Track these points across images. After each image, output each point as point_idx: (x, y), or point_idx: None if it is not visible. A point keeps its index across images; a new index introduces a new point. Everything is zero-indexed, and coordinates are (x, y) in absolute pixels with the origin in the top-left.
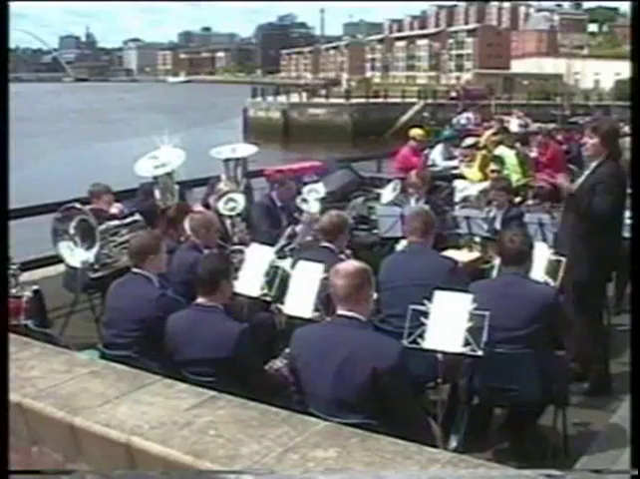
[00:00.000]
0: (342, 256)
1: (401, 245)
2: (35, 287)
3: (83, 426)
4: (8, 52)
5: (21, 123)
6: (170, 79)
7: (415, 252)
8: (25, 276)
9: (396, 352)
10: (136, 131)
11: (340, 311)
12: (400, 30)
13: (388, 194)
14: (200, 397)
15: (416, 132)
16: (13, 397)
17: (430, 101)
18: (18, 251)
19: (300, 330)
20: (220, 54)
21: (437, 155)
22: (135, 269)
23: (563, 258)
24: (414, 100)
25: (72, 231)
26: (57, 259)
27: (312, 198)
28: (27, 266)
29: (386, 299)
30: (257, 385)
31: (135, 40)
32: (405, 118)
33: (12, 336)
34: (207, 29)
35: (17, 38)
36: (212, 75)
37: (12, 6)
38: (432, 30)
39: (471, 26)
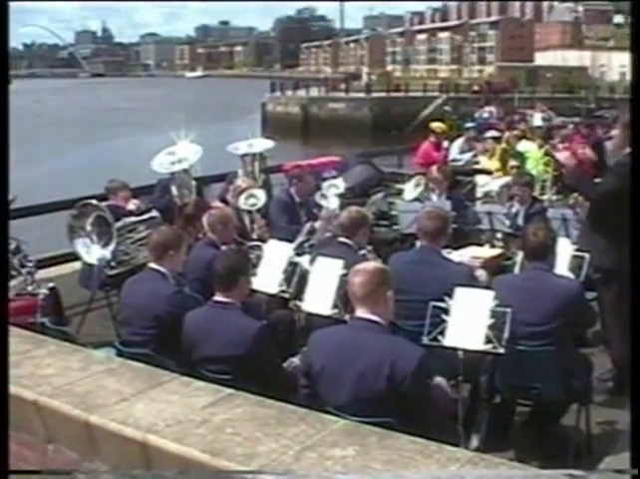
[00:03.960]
0: (362, 253)
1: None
2: (51, 285)
3: (99, 424)
4: (8, 52)
5: (36, 119)
6: (188, 74)
7: (425, 261)
8: (41, 274)
9: (417, 357)
10: (152, 126)
11: (358, 313)
12: (421, 23)
13: (411, 190)
14: (217, 395)
15: (437, 126)
16: (29, 395)
17: (451, 94)
18: (34, 249)
19: (316, 334)
20: (238, 48)
21: (458, 149)
22: (151, 265)
23: (587, 254)
24: (435, 94)
25: (88, 227)
26: (73, 257)
27: (331, 193)
28: (43, 264)
29: (397, 311)
30: (275, 383)
31: (152, 35)
32: (426, 112)
33: (28, 334)
34: (225, 23)
35: (33, 33)
36: (230, 69)
37: (27, 2)
38: (453, 22)
39: (493, 18)
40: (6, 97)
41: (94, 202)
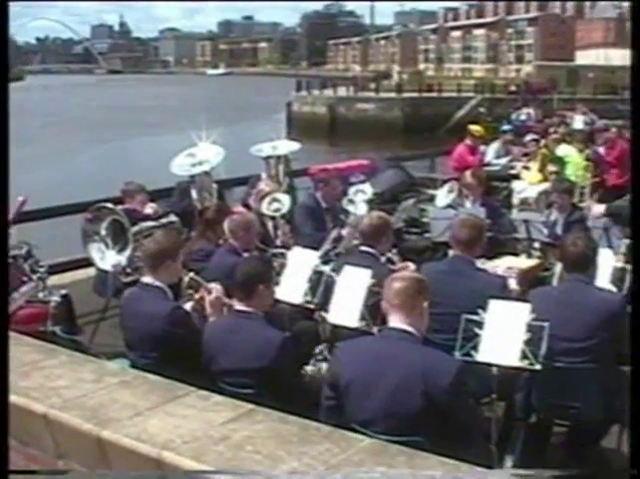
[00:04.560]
0: (388, 257)
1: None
2: (63, 292)
3: (111, 440)
4: (8, 52)
5: (50, 118)
6: (210, 71)
7: (458, 272)
8: (53, 280)
9: (454, 370)
10: (172, 126)
11: (392, 323)
12: (455, 19)
13: (444, 196)
14: (237, 410)
15: (472, 128)
16: (38, 408)
17: (487, 95)
18: (46, 254)
19: (345, 344)
20: (263, 44)
21: (494, 153)
22: (145, 280)
23: (629, 266)
24: (470, 94)
25: (103, 232)
26: (87, 262)
27: (359, 199)
28: (55, 270)
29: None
30: (298, 398)
31: (171, 29)
32: (460, 113)
33: (38, 343)
34: (249, 18)
35: (47, 27)
36: (254, 67)
37: (33, 2)
38: (490, 19)
39: (532, 14)
40: (6, 97)
41: (109, 205)
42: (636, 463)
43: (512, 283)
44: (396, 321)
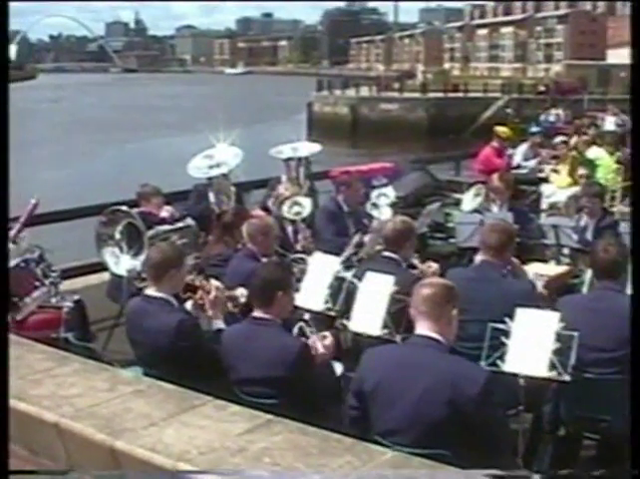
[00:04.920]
0: (413, 264)
1: (480, 257)
2: (76, 297)
3: (125, 450)
4: (7, 52)
5: (63, 118)
6: (228, 70)
7: (486, 278)
8: (66, 285)
9: (482, 380)
10: (189, 127)
11: (419, 331)
12: (482, 16)
13: (470, 200)
14: (255, 421)
15: (499, 130)
16: (50, 417)
17: (515, 95)
18: (58, 258)
19: (372, 351)
20: (283, 43)
21: (521, 156)
22: (148, 292)
23: None
24: (497, 94)
25: (118, 236)
26: (101, 267)
27: (383, 203)
28: (68, 274)
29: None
30: (319, 408)
31: (189, 27)
32: (487, 114)
33: (50, 350)
34: (269, 15)
35: (60, 24)
36: (274, 66)
37: None
38: (518, 16)
39: (561, 11)
40: (6, 97)
41: (124, 208)
42: (636, 463)
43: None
44: (423, 329)
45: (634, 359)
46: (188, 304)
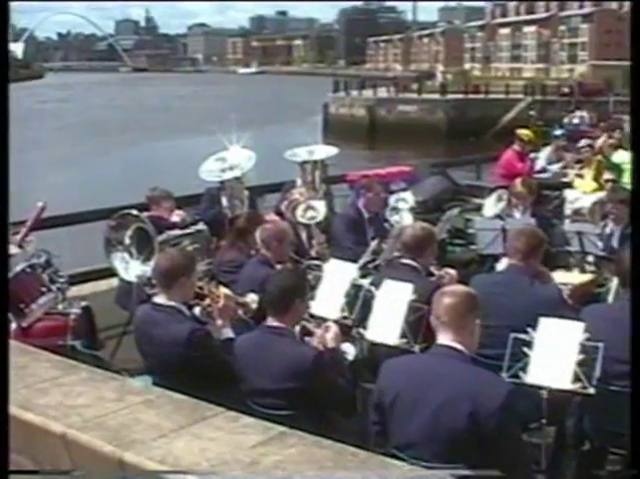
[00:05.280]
0: (434, 274)
1: (502, 264)
2: (84, 304)
3: (134, 462)
4: (7, 52)
5: (71, 118)
6: (241, 70)
7: (514, 283)
8: (73, 291)
9: (503, 393)
10: (201, 129)
11: (440, 340)
12: (504, 15)
13: (492, 205)
14: (268, 433)
15: (521, 133)
16: (56, 427)
17: (538, 97)
18: (66, 263)
19: (391, 362)
20: (298, 42)
21: (545, 160)
22: (157, 301)
23: None
24: (519, 96)
25: (127, 240)
26: (109, 273)
27: (402, 208)
28: (76, 280)
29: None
30: (334, 420)
31: (201, 25)
32: (508, 116)
33: (57, 359)
34: (283, 13)
35: (69, 22)
36: (288, 65)
37: None
38: (541, 15)
39: (586, 10)
40: (6, 98)
41: (134, 212)
42: (636, 463)
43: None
44: (444, 339)
45: (634, 361)
46: (196, 310)
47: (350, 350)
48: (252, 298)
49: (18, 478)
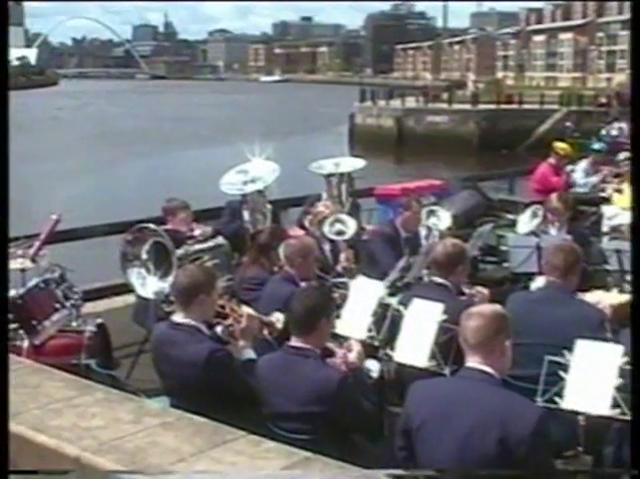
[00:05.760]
0: (465, 293)
1: (536, 284)
2: (99, 321)
3: None
4: (7, 53)
5: (87, 128)
6: (263, 78)
7: (553, 300)
8: (88, 308)
9: (535, 419)
10: (221, 139)
11: (469, 363)
12: (539, 21)
13: (526, 222)
14: (291, 458)
15: (557, 145)
16: (71, 450)
17: (574, 108)
18: (81, 278)
19: (418, 385)
20: (323, 49)
21: (582, 174)
22: (175, 319)
23: None
24: (554, 106)
25: (144, 255)
26: (126, 289)
27: (443, 224)
28: (91, 296)
29: (513, 358)
30: (359, 447)
31: (222, 31)
32: (543, 128)
33: (71, 378)
34: (308, 19)
35: (84, 27)
36: (313, 74)
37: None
38: (578, 21)
39: (625, 16)
40: (6, 100)
41: (151, 226)
42: (636, 463)
43: None
44: (473, 361)
45: (634, 360)
46: (218, 330)
47: (374, 367)
48: (278, 318)
49: (18, 478)
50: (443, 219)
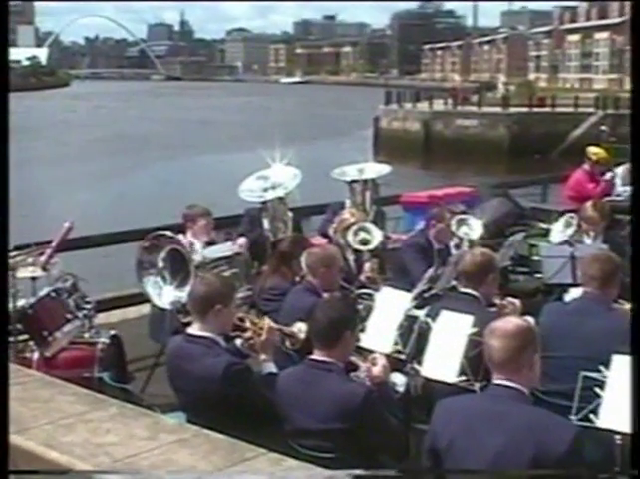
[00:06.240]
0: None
1: (571, 296)
2: (112, 333)
3: None
4: (8, 53)
5: (100, 132)
6: (284, 79)
7: (589, 312)
8: (101, 319)
9: (570, 437)
10: (240, 144)
11: (496, 380)
12: (573, 20)
13: (560, 231)
14: (314, 477)
15: (592, 151)
16: (83, 467)
17: (610, 111)
18: (94, 288)
19: (445, 402)
20: (346, 49)
21: (618, 180)
22: (191, 332)
23: None
24: (589, 109)
25: (161, 264)
26: (141, 299)
27: (475, 233)
28: (104, 306)
29: (547, 371)
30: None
31: (241, 30)
32: (578, 132)
33: (83, 392)
34: (331, 17)
35: (97, 25)
36: (336, 75)
37: None
38: (614, 20)
39: None
40: (6, 101)
41: (168, 233)
42: (636, 463)
43: None
44: (500, 379)
45: (634, 359)
46: (238, 343)
47: (400, 381)
48: (300, 328)
49: (18, 478)
50: (474, 227)
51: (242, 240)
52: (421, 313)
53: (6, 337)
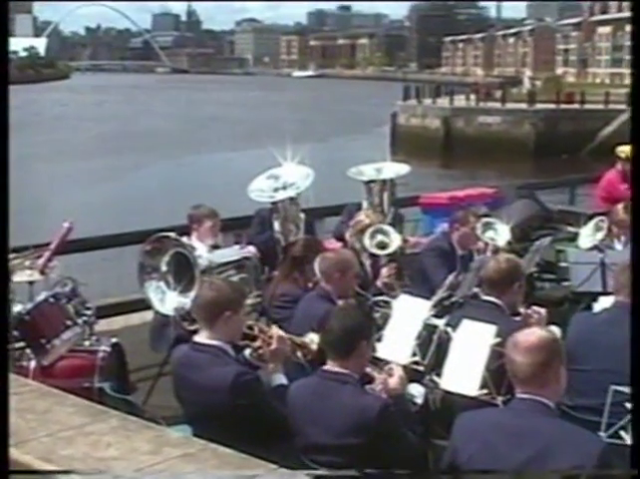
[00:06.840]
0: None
1: (600, 305)
2: (114, 340)
3: None
4: (8, 53)
5: (102, 127)
6: (296, 73)
7: (620, 322)
8: (102, 325)
9: (598, 451)
10: (250, 141)
11: (520, 394)
12: (604, 11)
13: (589, 235)
14: None
15: (624, 150)
16: None
17: None
18: (95, 293)
19: (466, 416)
20: (363, 41)
21: None
22: (198, 339)
23: None
24: (621, 106)
25: (164, 267)
26: (143, 305)
27: (501, 239)
28: (105, 312)
29: (575, 384)
30: None
31: (251, 21)
32: (608, 130)
33: (84, 403)
34: (346, 8)
35: (99, 15)
36: (351, 68)
37: None
38: None
39: None
40: (6, 101)
41: (172, 235)
42: (636, 463)
43: None
44: (524, 393)
45: (634, 359)
46: (246, 352)
47: (418, 392)
48: (312, 339)
49: (18, 478)
50: (501, 233)
51: (251, 248)
52: (441, 322)
53: (6, 346)
